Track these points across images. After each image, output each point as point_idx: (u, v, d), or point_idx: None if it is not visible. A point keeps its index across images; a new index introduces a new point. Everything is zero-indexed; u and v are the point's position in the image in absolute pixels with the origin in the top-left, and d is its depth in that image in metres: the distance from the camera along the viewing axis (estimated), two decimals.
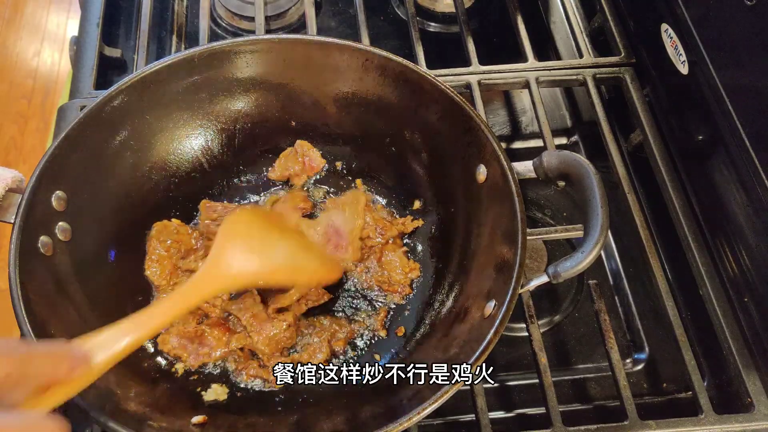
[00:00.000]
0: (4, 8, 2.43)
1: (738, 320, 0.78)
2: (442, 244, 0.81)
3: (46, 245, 0.68)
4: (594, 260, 0.64)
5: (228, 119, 0.85)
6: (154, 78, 0.76)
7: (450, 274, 0.78)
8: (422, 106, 0.79)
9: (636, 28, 1.00)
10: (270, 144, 0.88)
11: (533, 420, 0.78)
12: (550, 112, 0.97)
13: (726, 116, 0.76)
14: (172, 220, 0.82)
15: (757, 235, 0.75)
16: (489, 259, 0.72)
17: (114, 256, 0.77)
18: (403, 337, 0.77)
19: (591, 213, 0.65)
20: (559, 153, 0.71)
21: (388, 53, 0.78)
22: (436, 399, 0.59)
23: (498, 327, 0.62)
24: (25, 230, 0.66)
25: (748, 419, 0.72)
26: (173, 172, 0.83)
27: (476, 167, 0.75)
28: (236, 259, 0.70)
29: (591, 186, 0.66)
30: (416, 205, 0.85)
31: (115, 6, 1.08)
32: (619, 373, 0.74)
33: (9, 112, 2.20)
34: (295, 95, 0.84)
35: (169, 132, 0.82)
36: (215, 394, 0.73)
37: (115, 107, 0.75)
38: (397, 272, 0.80)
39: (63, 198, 0.70)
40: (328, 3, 1.14)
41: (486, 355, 0.61)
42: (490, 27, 1.11)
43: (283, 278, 0.75)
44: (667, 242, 0.88)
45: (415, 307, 0.79)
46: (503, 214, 0.70)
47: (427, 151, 0.82)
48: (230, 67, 0.81)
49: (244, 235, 0.73)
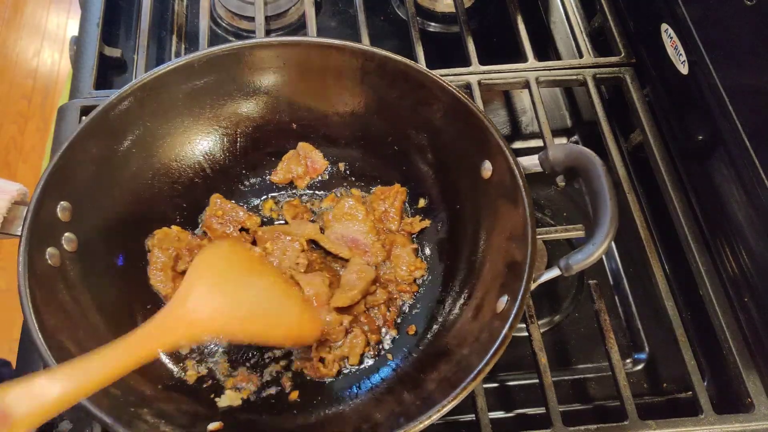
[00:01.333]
0: (4, 8, 2.43)
1: (738, 320, 0.78)
2: (450, 243, 0.81)
3: (54, 256, 0.68)
4: (606, 251, 0.63)
5: (230, 123, 0.84)
6: (155, 84, 0.76)
7: (460, 272, 0.78)
8: (424, 104, 0.79)
9: (636, 28, 1.00)
10: (272, 147, 0.87)
11: (533, 420, 0.78)
12: (550, 112, 0.97)
13: (726, 116, 0.76)
14: (173, 227, 0.81)
15: (757, 235, 0.75)
16: (499, 255, 0.72)
17: (122, 261, 0.76)
18: (414, 336, 0.77)
19: (600, 205, 0.65)
20: (565, 146, 0.71)
21: (388, 52, 0.78)
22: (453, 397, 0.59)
23: (513, 322, 0.62)
24: (32, 242, 0.65)
25: (748, 419, 0.72)
26: (176, 177, 0.83)
27: (481, 163, 0.75)
28: (205, 301, 0.61)
29: (599, 178, 0.66)
30: (421, 203, 0.85)
31: (115, 6, 1.08)
32: (619, 373, 0.74)
33: (9, 112, 2.20)
34: (296, 98, 0.84)
35: (172, 138, 0.82)
36: (229, 400, 0.72)
37: (117, 115, 0.75)
38: (402, 269, 0.80)
39: (68, 209, 0.70)
40: (328, 3, 1.14)
41: (502, 351, 0.61)
42: (490, 27, 1.11)
43: (254, 332, 0.66)
44: (667, 242, 0.88)
45: (426, 306, 0.79)
46: (511, 211, 0.70)
47: (430, 149, 0.82)
48: (231, 71, 0.81)
49: (218, 274, 0.65)
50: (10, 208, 0.69)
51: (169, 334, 0.58)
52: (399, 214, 0.83)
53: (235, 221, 0.83)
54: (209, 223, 0.82)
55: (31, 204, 0.67)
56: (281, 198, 0.87)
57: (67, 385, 0.50)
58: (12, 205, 0.69)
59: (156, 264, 0.79)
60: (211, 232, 0.82)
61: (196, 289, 0.61)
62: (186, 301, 0.60)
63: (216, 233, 0.82)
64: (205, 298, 0.61)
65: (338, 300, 0.76)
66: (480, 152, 0.75)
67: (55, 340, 0.62)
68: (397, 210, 0.83)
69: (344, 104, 0.84)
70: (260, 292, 0.68)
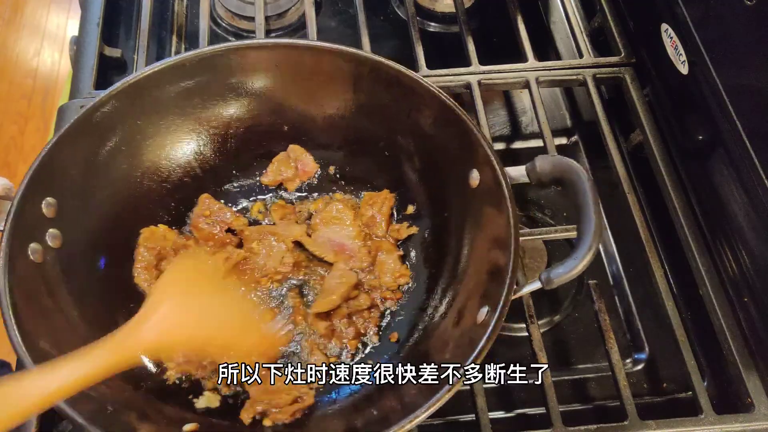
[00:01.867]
0: (4, 8, 2.43)
1: (738, 320, 0.78)
2: (435, 250, 0.81)
3: (36, 252, 0.67)
4: (587, 266, 0.63)
5: (221, 124, 0.84)
6: (146, 83, 0.76)
7: (443, 280, 0.78)
8: (415, 110, 0.78)
9: (636, 28, 1.00)
10: (263, 149, 0.87)
11: (533, 420, 0.78)
12: (550, 112, 0.97)
13: (726, 116, 0.76)
14: (160, 225, 0.81)
15: (757, 235, 0.75)
16: (482, 264, 0.71)
17: (104, 264, 0.76)
18: (396, 343, 0.77)
19: (584, 218, 0.65)
20: (552, 158, 0.71)
21: (381, 57, 0.78)
22: (430, 406, 0.59)
23: (491, 334, 0.62)
24: (14, 237, 0.65)
25: (748, 419, 0.72)
26: (165, 177, 0.83)
27: (469, 172, 0.75)
28: (172, 317, 0.61)
29: (584, 191, 0.66)
30: (409, 210, 0.84)
31: (115, 6, 1.08)
32: (619, 373, 0.74)
33: (9, 112, 2.20)
34: (288, 100, 0.84)
35: (162, 137, 0.81)
36: (207, 401, 0.72)
37: (106, 113, 0.74)
38: (386, 276, 0.80)
39: (53, 204, 0.70)
40: (328, 3, 1.14)
41: (480, 359, 0.61)
42: (490, 27, 1.11)
43: (214, 352, 0.67)
44: (667, 242, 0.88)
45: (409, 313, 0.79)
46: (496, 220, 0.70)
47: (420, 156, 0.82)
48: (222, 71, 0.80)
49: (186, 291, 0.65)
50: None
51: (129, 349, 0.58)
52: (386, 220, 0.83)
53: (222, 222, 0.83)
54: (196, 222, 0.82)
55: (15, 199, 0.66)
56: (270, 200, 0.87)
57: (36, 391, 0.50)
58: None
59: (141, 262, 0.79)
60: (198, 231, 0.82)
61: (164, 306, 0.61)
62: (150, 316, 0.60)
63: (202, 233, 0.82)
64: (173, 315, 0.61)
65: (317, 305, 0.76)
66: (468, 161, 0.74)
67: (33, 337, 0.62)
68: (385, 216, 0.83)
69: (336, 108, 0.84)
70: (222, 309, 0.68)
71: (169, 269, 0.70)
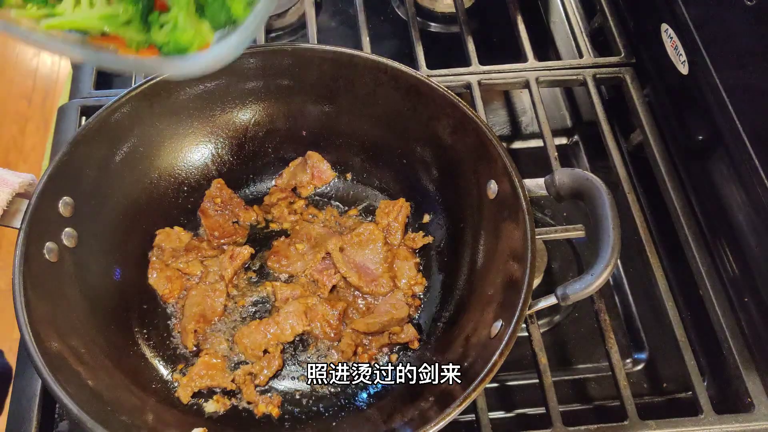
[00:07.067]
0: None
1: (738, 320, 0.78)
2: (451, 260, 0.81)
3: (52, 251, 0.67)
4: (604, 283, 0.63)
5: (239, 127, 0.84)
6: (165, 85, 0.76)
7: (457, 290, 0.78)
8: (434, 120, 0.78)
9: (636, 28, 1.00)
10: (280, 153, 0.87)
11: (533, 420, 0.78)
12: (550, 112, 0.97)
13: (726, 116, 0.76)
14: (175, 227, 0.81)
15: (757, 235, 0.75)
16: (497, 276, 0.71)
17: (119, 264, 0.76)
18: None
19: (602, 234, 0.64)
20: (571, 171, 0.70)
21: (402, 65, 0.78)
22: (441, 419, 0.59)
23: (504, 349, 0.61)
24: (30, 236, 0.65)
25: (748, 419, 0.72)
26: (182, 179, 0.83)
27: (487, 183, 0.74)
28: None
29: (603, 206, 0.65)
30: (426, 219, 0.84)
31: None
32: (619, 373, 0.74)
33: (9, 112, 2.20)
34: (307, 105, 0.84)
35: (179, 139, 0.81)
36: (216, 406, 0.72)
37: (125, 114, 0.75)
38: (402, 282, 0.80)
39: (70, 204, 0.70)
40: (328, 3, 1.14)
41: (492, 375, 0.61)
42: (490, 27, 1.11)
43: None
44: (667, 242, 0.88)
45: (423, 322, 0.79)
46: (513, 233, 0.69)
47: (437, 165, 0.82)
48: (240, 75, 0.80)
49: None
50: (11, 201, 0.68)
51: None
52: (402, 229, 0.83)
53: (230, 212, 0.83)
54: (205, 207, 0.82)
55: (33, 197, 0.67)
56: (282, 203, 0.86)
57: None
58: (14, 198, 0.68)
59: (155, 263, 0.79)
60: (205, 217, 0.82)
61: None
62: None
63: (209, 221, 0.82)
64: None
65: (357, 323, 0.76)
66: (486, 172, 0.74)
67: (44, 336, 0.62)
68: (401, 224, 0.83)
69: (355, 115, 0.84)
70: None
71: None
